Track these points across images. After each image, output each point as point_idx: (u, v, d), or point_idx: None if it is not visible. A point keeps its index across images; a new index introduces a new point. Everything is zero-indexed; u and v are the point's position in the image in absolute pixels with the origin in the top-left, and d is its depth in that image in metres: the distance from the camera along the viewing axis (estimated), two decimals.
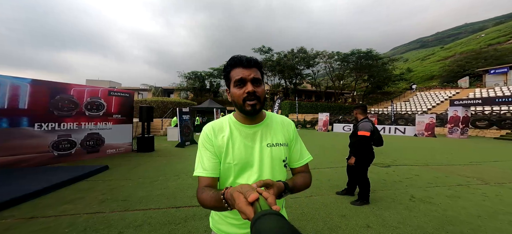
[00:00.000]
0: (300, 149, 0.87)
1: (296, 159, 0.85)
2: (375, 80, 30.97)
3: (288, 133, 0.84)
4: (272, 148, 0.79)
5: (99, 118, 5.76)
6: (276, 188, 0.58)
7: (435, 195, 3.25)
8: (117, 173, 4.28)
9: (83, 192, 3.19)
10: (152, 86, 32.42)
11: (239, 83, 0.72)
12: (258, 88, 0.72)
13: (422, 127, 14.61)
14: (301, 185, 0.77)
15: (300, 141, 0.89)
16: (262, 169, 0.77)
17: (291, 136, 0.85)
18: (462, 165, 5.43)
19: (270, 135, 0.81)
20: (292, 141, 0.85)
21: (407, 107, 26.06)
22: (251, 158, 0.77)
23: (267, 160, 0.78)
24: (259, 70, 0.76)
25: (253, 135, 0.79)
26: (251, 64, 0.73)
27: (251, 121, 0.80)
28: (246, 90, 0.71)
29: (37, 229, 2.15)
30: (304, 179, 0.80)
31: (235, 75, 0.72)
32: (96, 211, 2.56)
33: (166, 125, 13.51)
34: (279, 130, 0.83)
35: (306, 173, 0.85)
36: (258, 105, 0.72)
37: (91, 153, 5.59)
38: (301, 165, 0.85)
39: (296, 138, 0.87)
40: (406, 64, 62.00)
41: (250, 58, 0.75)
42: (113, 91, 6.21)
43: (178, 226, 2.28)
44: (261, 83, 0.75)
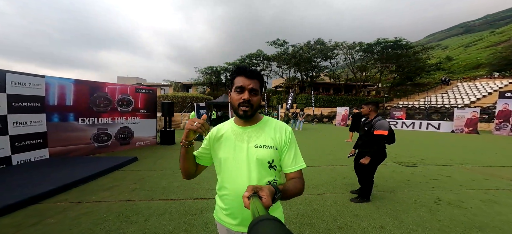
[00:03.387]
0: (294, 155, 0.89)
1: (288, 164, 0.88)
2: (404, 71, 28.13)
3: (279, 138, 0.89)
4: (259, 149, 0.86)
5: (128, 113, 6.41)
6: (267, 190, 0.62)
7: (467, 199, 2.95)
8: (145, 164, 4.76)
9: (118, 180, 3.65)
10: (172, 81, 34.39)
11: (239, 89, 0.84)
12: (253, 97, 0.84)
13: (462, 123, 12.97)
14: (292, 190, 0.79)
15: (295, 148, 0.91)
16: (250, 167, 0.86)
17: (283, 141, 0.89)
18: (507, 167, 4.76)
19: (260, 137, 0.88)
20: (284, 146, 0.89)
21: (444, 100, 23.23)
22: (240, 156, 0.87)
23: (253, 160, 0.85)
24: (260, 81, 0.87)
25: (244, 136, 0.89)
26: (252, 75, 0.84)
27: (244, 123, 0.91)
28: (243, 97, 0.83)
29: (84, 212, 2.55)
30: (295, 185, 0.82)
31: (237, 82, 0.84)
32: (127, 199, 2.93)
33: (185, 119, 14.37)
34: (269, 133, 0.89)
35: (298, 179, 0.86)
36: (249, 112, 0.84)
37: (123, 145, 6.30)
38: (293, 171, 0.87)
39: (290, 144, 0.90)
40: (444, 52, 54.90)
41: (253, 69, 0.86)
42: (139, 88, 6.82)
43: (194, 216, 2.49)
44: (258, 93, 0.86)
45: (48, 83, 4.71)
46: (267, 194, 0.60)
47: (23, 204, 2.61)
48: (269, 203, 0.59)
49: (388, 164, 4.66)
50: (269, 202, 0.59)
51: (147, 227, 2.25)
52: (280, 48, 29.39)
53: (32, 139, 4.38)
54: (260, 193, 0.60)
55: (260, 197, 0.59)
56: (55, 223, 2.28)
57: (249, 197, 0.58)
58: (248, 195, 0.59)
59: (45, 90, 4.64)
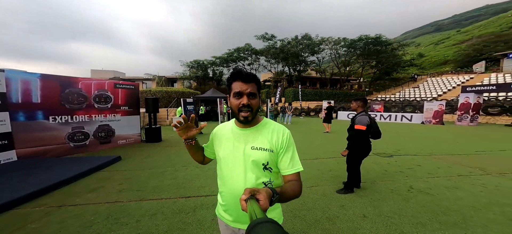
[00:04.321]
0: (291, 158, 0.90)
1: (285, 166, 0.90)
2: (383, 66, 29.97)
3: (276, 141, 0.91)
4: (254, 151, 0.89)
5: (107, 110, 6.02)
6: (264, 192, 0.62)
7: (434, 186, 3.34)
8: (130, 163, 4.57)
9: (102, 181, 3.48)
10: (155, 75, 32.70)
11: (237, 95, 0.86)
12: (252, 101, 0.86)
13: (430, 115, 14.32)
14: (289, 192, 0.80)
15: (293, 151, 0.93)
16: (246, 168, 0.89)
17: (280, 144, 0.91)
18: (466, 155, 5.43)
19: (257, 139, 0.91)
20: (281, 149, 0.91)
21: (416, 94, 25.33)
22: (237, 156, 0.91)
23: (249, 161, 0.89)
24: (256, 84, 0.89)
25: (242, 137, 0.93)
26: (249, 79, 0.86)
27: (243, 125, 0.94)
28: (242, 102, 0.85)
29: (69, 215, 2.42)
30: (293, 187, 0.83)
31: (235, 88, 0.86)
32: (115, 200, 2.83)
33: (171, 115, 13.83)
34: (266, 136, 0.91)
35: (295, 182, 0.87)
36: (250, 116, 0.87)
37: (103, 144, 5.94)
38: (290, 173, 0.89)
39: (288, 147, 0.91)
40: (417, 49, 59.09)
41: (249, 73, 0.87)
42: (118, 83, 6.41)
43: (188, 215, 2.51)
44: (256, 96, 0.88)
45: (8, 78, 4.20)
46: (264, 196, 0.60)
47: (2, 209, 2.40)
48: (266, 206, 0.59)
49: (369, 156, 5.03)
50: (267, 204, 0.59)
51: (140, 227, 2.23)
52: (268, 42, 29.45)
53: None
54: (257, 195, 0.60)
55: (258, 199, 0.59)
56: (40, 228, 2.16)
57: (246, 200, 0.58)
58: (245, 198, 0.59)
59: (5, 86, 4.14)
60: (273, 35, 29.30)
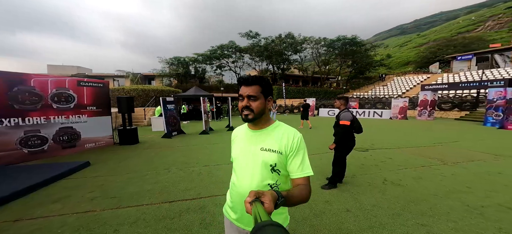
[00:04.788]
0: (301, 162, 0.90)
1: (294, 170, 0.90)
2: (358, 65, 32.16)
3: (286, 144, 0.91)
4: (264, 152, 0.91)
5: (70, 110, 5.35)
6: (269, 195, 0.63)
7: (403, 177, 3.70)
8: (103, 168, 4.15)
9: (69, 190, 3.09)
10: (129, 72, 30.14)
11: (240, 97, 0.93)
12: (253, 102, 0.90)
13: (397, 111, 15.87)
14: (297, 196, 0.80)
15: (303, 155, 0.92)
16: (254, 168, 0.92)
17: (290, 147, 0.91)
18: (427, 147, 6.15)
19: (266, 140, 0.93)
20: (291, 152, 0.91)
21: (385, 92, 27.79)
22: (247, 157, 0.95)
23: (258, 162, 0.91)
24: (260, 86, 0.92)
25: (253, 139, 0.97)
26: (249, 83, 0.91)
27: (254, 127, 0.98)
28: (242, 104, 0.91)
29: (29, 230, 2.10)
30: (300, 191, 0.84)
31: (240, 91, 0.93)
32: (87, 210, 2.54)
33: (149, 115, 12.90)
34: (276, 138, 0.93)
35: (304, 186, 0.87)
36: (250, 115, 0.91)
37: (67, 148, 5.28)
38: (299, 177, 0.89)
39: (298, 150, 0.91)
40: (386, 50, 64.63)
41: (252, 76, 0.93)
42: (83, 81, 5.71)
43: (173, 220, 2.37)
44: (256, 98, 0.91)
45: None
46: (269, 199, 0.60)
47: None
48: (271, 209, 0.59)
49: None
50: (271, 207, 0.59)
51: None
52: (252, 40, 29.15)
53: None
54: (262, 198, 0.60)
55: (263, 202, 0.59)
56: None
57: (251, 202, 0.58)
58: (250, 200, 0.59)
59: None
60: (257, 33, 29.15)
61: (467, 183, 3.43)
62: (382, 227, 2.23)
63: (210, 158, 4.98)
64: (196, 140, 7.40)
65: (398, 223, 2.30)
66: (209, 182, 3.43)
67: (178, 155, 5.21)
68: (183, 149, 5.90)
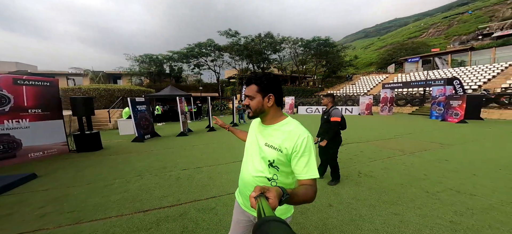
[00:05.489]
0: (307, 163, 0.90)
1: (300, 171, 0.90)
2: (331, 65, 34.28)
3: (289, 143, 0.91)
4: (266, 148, 0.97)
5: (4, 114, 4.44)
6: (274, 191, 0.63)
7: (374, 169, 4.04)
8: (55, 180, 3.51)
9: (8, 208, 2.51)
10: (88, 70, 26.49)
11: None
12: (250, 101, 0.99)
13: (364, 107, 17.45)
14: (301, 196, 0.80)
15: (310, 156, 0.91)
16: (254, 160, 1.01)
17: (294, 147, 0.91)
18: (390, 139, 6.88)
19: (271, 136, 0.98)
20: (295, 153, 0.91)
21: (353, 90, 30.32)
22: (253, 148, 1.04)
23: (260, 155, 0.99)
24: (256, 84, 0.97)
25: (262, 132, 1.03)
26: (248, 83, 1.00)
27: (264, 122, 1.04)
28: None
29: None
30: (305, 191, 0.84)
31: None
32: (35, 229, 2.09)
33: (115, 117, 11.52)
34: (280, 136, 0.95)
35: (310, 186, 0.87)
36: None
37: (4, 159, 4.37)
38: (304, 179, 0.89)
39: (303, 152, 0.90)
40: (354, 51, 70.43)
41: (251, 77, 1.00)
42: (21, 78, 4.74)
43: (150, 231, 2.13)
44: (253, 97, 0.98)
45: None
46: (274, 195, 0.61)
47: None
48: (275, 205, 0.60)
49: None
50: (276, 203, 0.60)
51: None
52: (232, 38, 28.34)
53: None
54: (267, 193, 0.61)
55: (267, 197, 0.60)
56: None
57: (256, 197, 0.59)
58: (255, 195, 0.60)
59: None
60: (237, 32, 28.49)
61: (423, 170, 3.91)
62: (362, 219, 2.37)
63: (189, 160, 4.67)
64: (173, 142, 6.89)
65: (375, 214, 2.48)
66: (189, 187, 3.20)
67: (152, 160, 4.76)
68: (158, 153, 5.41)
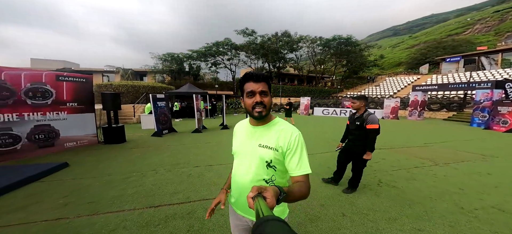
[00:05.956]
0: (299, 159, 0.91)
1: (293, 168, 0.91)
2: (352, 65, 32.55)
3: (283, 141, 0.93)
4: (261, 148, 0.95)
5: (47, 107, 4.96)
6: (272, 190, 0.63)
7: (397, 179, 3.65)
8: (81, 170, 3.85)
9: (37, 196, 2.80)
10: (119, 67, 29.08)
11: (250, 94, 0.92)
12: (265, 98, 0.92)
13: (388, 110, 16.14)
14: (296, 193, 0.81)
15: (301, 152, 0.93)
16: (251, 163, 0.97)
17: (287, 144, 0.92)
18: (418, 147, 6.20)
19: (265, 137, 0.96)
20: (289, 150, 0.92)
21: (377, 92, 28.32)
22: (246, 151, 1.00)
23: (255, 157, 0.95)
24: (267, 83, 0.93)
25: (253, 134, 1.00)
26: (260, 79, 0.92)
27: (255, 123, 1.01)
28: (255, 100, 0.91)
29: None
30: (300, 187, 0.84)
31: (247, 88, 0.92)
32: (57, 218, 2.29)
33: (140, 112, 12.42)
34: (274, 135, 0.95)
35: (303, 183, 0.88)
36: (264, 112, 0.92)
37: (44, 148, 4.90)
38: (297, 175, 0.90)
39: (296, 148, 0.92)
40: (379, 50, 65.90)
41: (260, 73, 0.93)
42: (62, 75, 5.30)
43: (157, 227, 2.18)
44: (267, 94, 0.93)
45: None
46: (271, 194, 0.61)
47: None
48: (273, 204, 0.60)
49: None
50: (274, 202, 0.60)
51: None
52: (248, 37, 28.79)
53: None
54: (264, 193, 0.61)
55: (265, 197, 0.60)
56: None
57: (253, 198, 0.59)
58: (252, 196, 0.59)
59: None
60: (254, 31, 28.82)
61: (459, 184, 3.42)
62: (379, 232, 2.13)
63: (201, 158, 4.76)
64: (187, 139, 7.13)
65: (395, 228, 2.21)
66: (200, 185, 3.24)
67: (167, 155, 4.96)
68: (173, 149, 5.64)
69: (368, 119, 2.81)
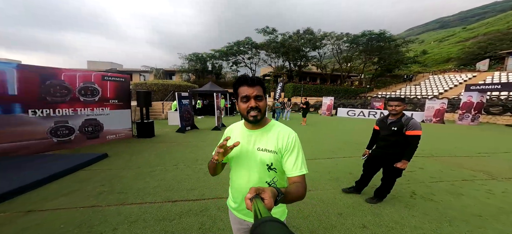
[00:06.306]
0: (295, 160, 0.92)
1: (290, 168, 0.92)
2: (385, 63, 29.50)
3: (281, 143, 0.94)
4: (261, 152, 0.95)
5: (94, 103, 5.73)
6: (269, 191, 0.63)
7: (437, 191, 3.14)
8: (117, 161, 4.34)
9: (81, 182, 3.24)
10: (153, 68, 32.26)
11: (245, 99, 0.92)
12: (259, 102, 0.92)
13: (431, 113, 14.08)
14: (293, 193, 0.81)
15: (298, 153, 0.94)
16: (251, 167, 0.96)
17: (285, 146, 0.94)
18: (469, 157, 5.23)
19: (263, 141, 0.96)
20: (286, 151, 0.93)
21: (417, 91, 25.02)
22: (245, 156, 0.98)
23: (255, 162, 0.95)
24: (262, 87, 0.94)
25: (250, 138, 0.99)
26: (254, 83, 0.91)
27: (251, 127, 1.01)
28: (250, 105, 0.91)
29: (34, 224, 2.19)
30: (297, 188, 0.85)
31: (241, 92, 0.92)
32: (93, 205, 2.61)
33: (167, 109, 13.55)
34: (272, 138, 0.96)
35: (299, 184, 0.88)
36: (259, 116, 0.93)
37: (91, 139, 5.68)
38: (294, 176, 0.91)
39: (293, 149, 0.93)
40: (421, 46, 58.23)
41: (254, 77, 0.93)
42: (107, 75, 6.08)
43: (172, 222, 2.29)
44: (262, 98, 0.93)
45: None
46: (269, 195, 0.61)
47: None
48: (271, 205, 0.60)
49: None
50: (271, 204, 0.60)
51: None
52: (269, 36, 28.77)
53: None
54: (262, 194, 0.61)
55: (263, 198, 0.60)
56: None
57: (251, 199, 0.59)
58: (250, 197, 0.60)
59: None
60: (274, 29, 28.64)
61: None
62: None
63: None
64: (207, 136, 7.44)
65: None
66: (215, 183, 3.32)
67: (188, 151, 5.24)
68: (193, 145, 5.94)
69: (409, 124, 2.42)
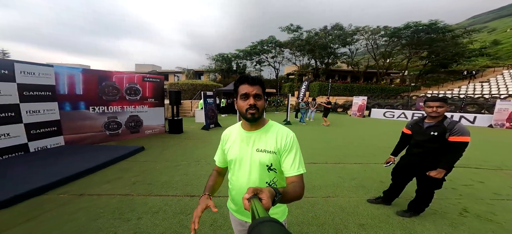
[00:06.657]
0: (293, 160, 0.93)
1: (287, 168, 0.93)
2: (438, 57, 24.99)
3: (280, 143, 0.95)
4: (260, 153, 0.96)
5: (137, 102, 6.53)
6: (267, 191, 0.64)
7: (500, 211, 2.52)
8: (151, 154, 4.84)
9: (122, 172, 3.71)
10: (185, 68, 35.05)
11: (244, 96, 0.93)
12: (258, 101, 0.93)
13: (504, 116, 11.36)
14: (291, 194, 0.82)
15: (296, 153, 0.95)
16: (251, 168, 0.97)
17: (283, 146, 0.95)
18: None
19: (262, 142, 0.97)
20: (285, 151, 0.95)
21: (484, 90, 20.46)
22: (244, 158, 0.99)
23: (255, 163, 0.96)
24: (261, 87, 0.95)
25: (249, 140, 1.00)
26: (254, 82, 0.93)
27: (250, 128, 1.01)
28: (249, 102, 0.92)
29: (83, 206, 2.58)
30: (294, 188, 0.85)
31: (241, 90, 0.94)
32: (127, 193, 2.94)
33: (195, 107, 14.52)
34: (271, 139, 0.97)
35: (297, 184, 0.89)
36: (256, 114, 0.93)
37: (133, 133, 6.51)
38: (292, 175, 0.92)
39: (291, 148, 0.95)
40: (491, 35, 47.48)
41: (254, 77, 0.94)
42: (146, 77, 6.87)
43: (188, 216, 2.41)
44: (261, 98, 0.95)
45: (57, 72, 4.85)
46: (267, 196, 0.62)
47: (26, 197, 2.68)
48: (269, 205, 0.60)
49: None
50: (269, 204, 0.60)
51: (139, 226, 2.23)
52: (293, 34, 27.83)
53: (46, 127, 4.63)
54: (260, 195, 0.61)
55: (260, 199, 0.60)
56: (51, 219, 2.32)
57: (249, 199, 0.59)
58: (248, 197, 0.60)
59: (55, 79, 4.80)
60: (299, 26, 27.45)
61: None
62: None
63: None
64: None
65: None
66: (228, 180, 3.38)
67: (210, 148, 5.49)
68: (216, 143, 6.15)
69: (455, 129, 2.02)
